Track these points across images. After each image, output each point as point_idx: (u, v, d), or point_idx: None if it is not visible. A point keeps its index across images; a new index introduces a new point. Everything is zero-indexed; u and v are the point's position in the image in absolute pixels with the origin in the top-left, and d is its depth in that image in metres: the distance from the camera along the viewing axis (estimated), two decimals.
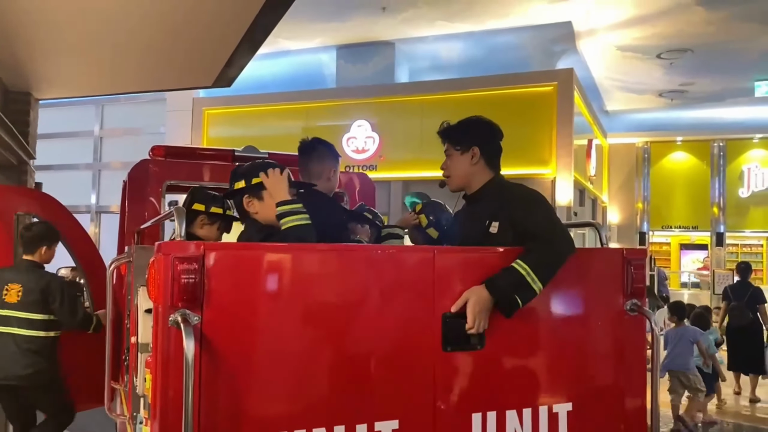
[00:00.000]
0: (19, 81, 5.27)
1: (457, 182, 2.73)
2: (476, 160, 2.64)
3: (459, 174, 2.70)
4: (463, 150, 2.66)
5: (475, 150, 2.64)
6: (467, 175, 2.68)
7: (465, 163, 2.66)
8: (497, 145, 2.72)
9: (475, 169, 2.66)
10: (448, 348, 2.27)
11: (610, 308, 2.57)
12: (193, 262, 1.94)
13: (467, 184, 2.71)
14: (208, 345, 1.96)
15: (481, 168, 2.66)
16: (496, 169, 2.69)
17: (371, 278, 2.22)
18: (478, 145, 2.64)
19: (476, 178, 2.67)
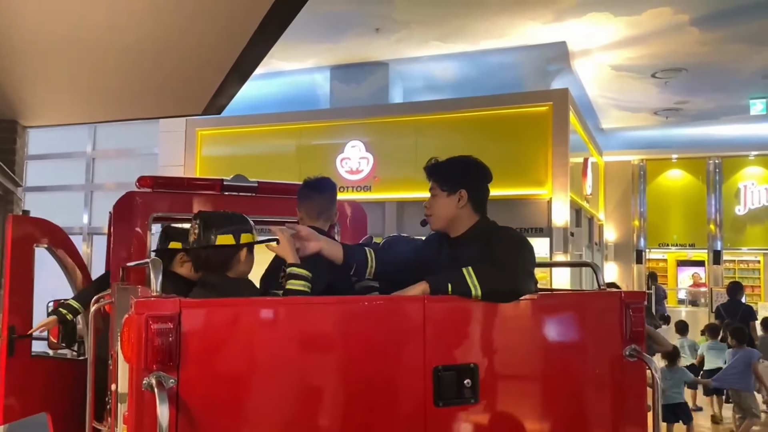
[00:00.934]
0: (6, 109, 5.19)
1: (439, 223, 2.61)
2: (463, 203, 2.52)
3: (443, 215, 2.57)
4: (449, 192, 2.54)
5: (463, 193, 2.52)
6: (452, 218, 2.56)
7: (450, 205, 2.54)
8: (486, 188, 2.61)
9: (460, 213, 2.54)
10: (440, 403, 2.16)
11: (608, 354, 2.47)
12: (168, 321, 1.84)
13: (450, 227, 2.58)
14: (185, 407, 1.86)
15: (467, 211, 2.54)
16: (482, 212, 2.58)
17: (358, 331, 2.12)
18: (466, 189, 2.53)
19: (461, 222, 2.55)
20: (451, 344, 2.21)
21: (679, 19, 9.34)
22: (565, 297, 2.71)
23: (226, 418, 1.91)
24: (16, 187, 5.46)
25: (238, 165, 11.96)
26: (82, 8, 3.13)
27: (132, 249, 4.11)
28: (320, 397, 2.04)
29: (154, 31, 3.53)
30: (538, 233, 10.36)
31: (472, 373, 2.21)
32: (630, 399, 2.50)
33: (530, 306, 2.41)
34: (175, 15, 3.14)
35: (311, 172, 10.45)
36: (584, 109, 12.89)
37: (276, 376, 1.98)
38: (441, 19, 9.80)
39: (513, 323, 2.38)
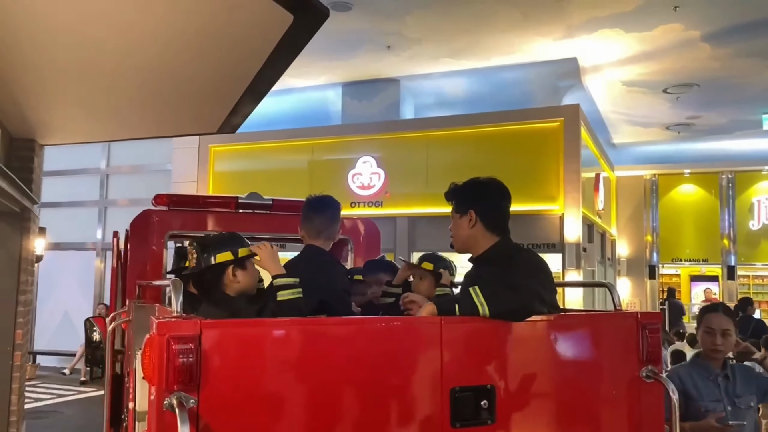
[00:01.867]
0: (24, 129, 5.26)
1: (458, 245, 2.67)
2: (473, 223, 2.56)
3: (459, 237, 2.64)
4: (461, 213, 2.60)
5: (472, 213, 2.56)
6: (467, 239, 2.61)
7: (463, 226, 2.60)
8: (498, 207, 2.63)
9: (474, 233, 2.58)
10: (457, 424, 2.17)
11: (625, 375, 2.46)
12: (189, 341, 1.86)
13: (469, 248, 2.64)
14: (205, 427, 1.88)
15: (481, 231, 2.57)
16: (500, 233, 2.60)
17: (376, 352, 2.14)
18: (474, 209, 2.56)
19: (478, 242, 2.59)
20: (468, 365, 2.22)
21: (691, 35, 9.36)
22: (582, 318, 2.71)
23: None
24: (32, 204, 5.52)
25: (250, 181, 12.07)
26: (101, 32, 3.19)
27: (148, 266, 4.15)
28: (338, 417, 2.05)
29: (171, 54, 3.58)
30: (550, 249, 10.33)
31: (489, 395, 2.21)
32: (647, 420, 2.49)
33: (547, 327, 2.42)
34: (192, 39, 3.20)
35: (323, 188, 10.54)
36: (596, 124, 12.89)
37: (294, 396, 1.99)
38: (451, 36, 9.87)
39: (530, 344, 2.39)
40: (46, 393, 10.90)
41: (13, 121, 5.04)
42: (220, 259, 2.48)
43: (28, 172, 5.53)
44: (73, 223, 13.94)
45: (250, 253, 2.54)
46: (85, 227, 14.13)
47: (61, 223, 13.30)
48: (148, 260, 4.23)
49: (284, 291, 2.50)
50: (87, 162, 14.19)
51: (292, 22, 2.80)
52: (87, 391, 11.18)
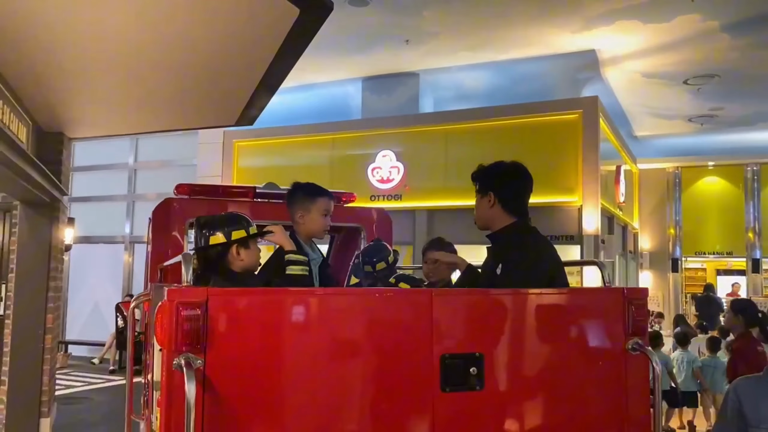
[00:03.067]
0: (53, 122, 5.53)
1: (480, 223, 2.92)
2: (492, 204, 2.77)
3: (480, 216, 2.89)
4: (482, 194, 2.83)
5: (491, 195, 2.77)
6: (487, 218, 2.85)
7: (484, 206, 2.83)
8: (516, 189, 2.82)
9: (493, 213, 2.79)
10: (446, 388, 2.32)
11: (611, 348, 2.59)
12: (196, 307, 2.03)
13: (489, 226, 2.87)
14: (210, 387, 2.05)
15: (499, 212, 2.78)
16: (518, 213, 2.79)
17: (370, 320, 2.29)
18: (493, 191, 2.77)
19: (496, 221, 2.81)
20: (458, 334, 2.36)
21: (709, 26, 9.32)
22: (570, 292, 2.84)
23: (249, 396, 2.10)
24: (61, 195, 5.79)
25: (273, 175, 12.18)
26: (126, 32, 3.40)
27: (170, 252, 4.36)
28: (334, 380, 2.21)
29: (189, 49, 3.78)
30: (569, 241, 10.39)
31: (478, 362, 2.36)
32: (633, 391, 2.60)
33: (536, 300, 2.55)
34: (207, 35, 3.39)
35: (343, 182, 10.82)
36: (616, 116, 12.86)
37: (293, 360, 2.16)
38: (470, 30, 9.96)
39: (519, 316, 2.52)
40: (77, 381, 11.28)
41: (43, 116, 5.30)
42: (213, 241, 2.66)
43: (57, 164, 5.80)
44: (102, 217, 14.35)
45: (245, 235, 2.70)
46: (114, 221, 14.53)
47: (91, 217, 13.73)
48: (170, 247, 4.44)
49: (294, 266, 2.71)
50: (116, 158, 14.59)
51: (299, 15, 2.96)
52: (116, 380, 11.53)
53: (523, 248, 2.73)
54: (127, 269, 14.33)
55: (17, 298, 5.64)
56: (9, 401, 5.50)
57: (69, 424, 7.89)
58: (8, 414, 5.49)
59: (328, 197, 3.24)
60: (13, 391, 5.50)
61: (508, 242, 2.76)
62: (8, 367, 5.56)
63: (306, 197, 3.22)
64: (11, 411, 5.48)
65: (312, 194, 3.21)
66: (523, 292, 2.51)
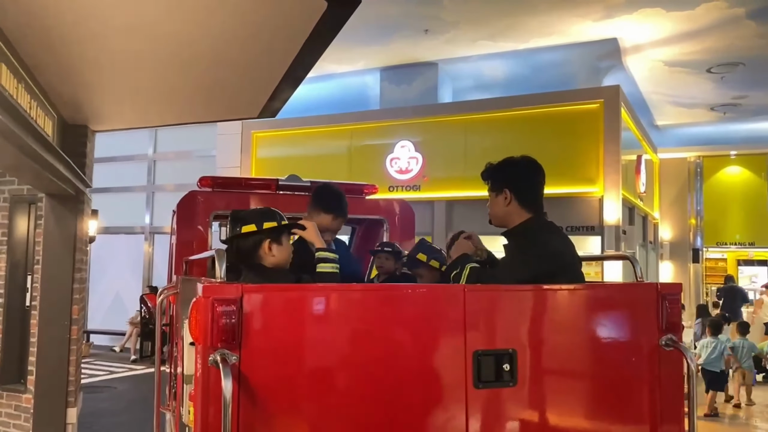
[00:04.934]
0: (78, 116, 5.55)
1: (495, 221, 2.86)
2: (509, 201, 2.73)
3: (495, 214, 2.82)
4: (497, 192, 2.77)
5: (507, 192, 2.72)
6: (503, 215, 2.79)
7: (500, 204, 2.77)
8: (532, 184, 2.77)
9: (509, 210, 2.74)
10: (479, 385, 2.31)
11: (644, 344, 2.56)
12: (231, 304, 2.04)
13: (504, 223, 2.81)
14: (245, 383, 2.06)
15: (516, 208, 2.73)
16: (533, 209, 2.74)
17: (404, 316, 2.28)
18: (509, 188, 2.72)
19: (512, 218, 2.76)
20: (491, 330, 2.35)
21: (735, 13, 9.16)
22: (603, 287, 2.81)
23: (283, 392, 2.10)
24: (86, 187, 5.84)
25: (291, 166, 12.27)
26: (151, 25, 3.40)
27: (194, 244, 4.38)
28: (368, 376, 2.21)
29: (215, 42, 3.77)
30: (589, 231, 10.32)
31: (510, 358, 2.34)
32: (666, 387, 2.58)
33: (568, 296, 2.53)
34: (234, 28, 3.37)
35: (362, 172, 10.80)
36: (637, 105, 12.70)
37: (328, 355, 2.16)
38: (489, 18, 9.87)
39: (551, 312, 2.51)
40: (100, 369, 11.43)
41: (68, 108, 5.33)
42: (244, 230, 2.65)
43: (81, 156, 5.83)
44: (122, 208, 14.48)
45: (276, 225, 2.67)
46: (134, 212, 14.65)
47: (112, 208, 13.83)
48: (194, 239, 4.45)
49: (324, 264, 2.70)
50: (135, 149, 14.69)
51: (326, 8, 2.94)
52: (138, 369, 11.68)
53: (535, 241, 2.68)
54: (147, 259, 14.46)
55: (43, 290, 5.70)
56: (37, 391, 5.58)
57: (93, 412, 8.01)
58: (36, 404, 5.57)
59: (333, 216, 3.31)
60: (41, 381, 5.58)
61: (523, 239, 2.71)
62: (35, 357, 5.63)
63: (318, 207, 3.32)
64: (39, 401, 5.56)
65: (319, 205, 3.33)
66: (555, 288, 2.49)
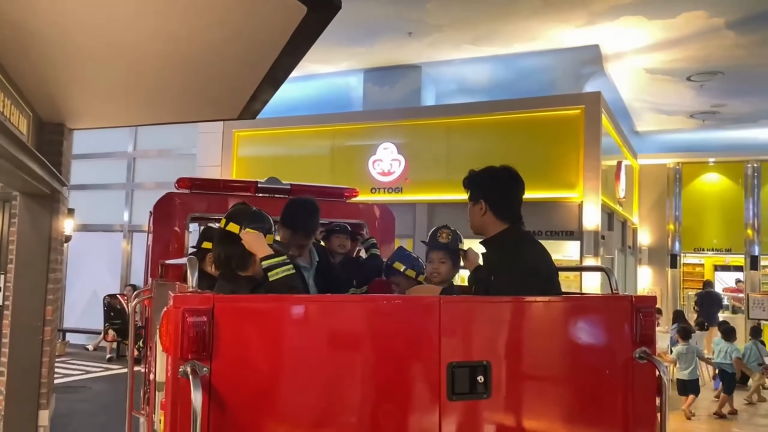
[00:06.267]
0: (54, 114, 5.47)
1: (473, 229, 2.90)
2: (484, 211, 2.75)
3: (473, 223, 2.87)
4: (473, 202, 2.81)
5: (482, 203, 2.76)
6: (480, 225, 2.82)
7: (476, 213, 2.81)
8: (507, 197, 2.78)
9: (485, 220, 2.77)
10: (453, 397, 2.30)
11: (618, 356, 2.57)
12: (202, 314, 2.01)
13: (482, 232, 2.84)
14: (216, 394, 2.03)
15: (491, 219, 2.75)
16: (510, 220, 2.76)
17: (377, 328, 2.27)
18: (484, 199, 2.75)
19: (489, 228, 2.79)
20: (465, 342, 2.34)
21: (715, 23, 9.26)
22: (578, 300, 2.82)
23: (254, 404, 2.08)
24: (62, 186, 5.75)
25: (273, 166, 12.26)
26: (127, 23, 3.35)
27: (171, 247, 4.33)
28: (341, 387, 2.19)
29: (194, 43, 3.73)
30: (569, 236, 10.38)
31: (485, 370, 2.34)
32: (639, 399, 2.59)
33: (543, 308, 2.54)
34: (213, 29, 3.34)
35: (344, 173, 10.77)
36: (618, 112, 12.81)
37: (300, 367, 2.14)
38: (473, 23, 9.89)
39: (526, 324, 2.51)
40: (75, 369, 11.28)
41: (43, 106, 5.25)
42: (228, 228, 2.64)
43: (57, 155, 5.75)
44: (100, 206, 14.30)
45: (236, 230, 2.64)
46: (113, 209, 14.48)
47: (89, 205, 13.65)
48: (171, 241, 4.41)
49: (274, 270, 2.58)
50: (114, 146, 14.51)
51: (306, 13, 2.91)
52: (114, 368, 11.54)
53: (513, 257, 2.70)
54: (125, 257, 14.30)
55: (16, 290, 5.61)
56: (8, 393, 5.48)
57: (67, 413, 7.89)
58: (7, 405, 5.48)
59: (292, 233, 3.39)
60: (12, 382, 5.49)
61: (500, 250, 2.75)
62: (7, 358, 5.54)
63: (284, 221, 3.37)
64: (10, 403, 5.47)
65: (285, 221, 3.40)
66: (530, 300, 2.49)
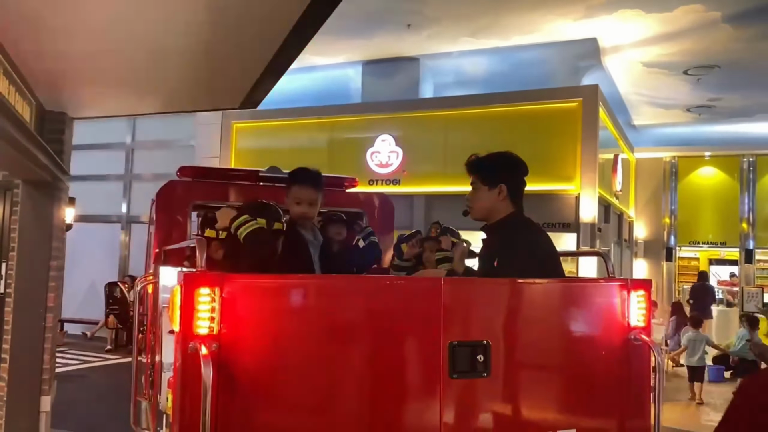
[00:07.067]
0: (56, 102, 5.50)
1: (479, 214, 2.88)
2: (503, 196, 2.78)
3: (483, 207, 2.84)
4: (491, 186, 2.79)
5: (503, 187, 2.77)
6: (490, 209, 2.83)
7: (491, 198, 2.80)
8: (522, 181, 2.84)
9: (499, 205, 2.80)
10: (454, 375, 2.36)
11: (614, 338, 2.64)
12: (211, 292, 2.07)
13: (488, 217, 2.86)
14: (224, 370, 2.09)
15: (505, 204, 2.79)
16: (517, 205, 2.82)
17: (381, 306, 2.33)
18: (506, 183, 2.77)
19: (498, 212, 2.82)
20: (466, 322, 2.40)
21: (712, 16, 9.32)
22: (575, 282, 2.89)
23: (262, 379, 2.14)
24: (63, 175, 5.78)
25: (271, 157, 12.20)
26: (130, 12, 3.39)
27: (173, 234, 4.38)
28: (346, 365, 2.25)
29: (196, 32, 3.76)
30: (565, 228, 10.44)
31: (484, 349, 2.40)
32: (635, 380, 2.66)
33: (541, 290, 2.60)
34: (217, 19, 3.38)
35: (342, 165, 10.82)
36: (615, 105, 12.87)
37: (306, 344, 2.20)
38: (472, 15, 9.92)
39: (525, 305, 2.57)
40: (74, 359, 11.34)
41: (45, 94, 5.27)
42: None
43: (59, 143, 5.77)
44: (99, 196, 14.31)
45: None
46: (111, 200, 14.50)
47: (88, 196, 13.62)
48: (173, 229, 4.46)
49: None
50: (113, 137, 14.52)
51: (310, 2, 2.96)
52: (112, 359, 11.60)
53: (520, 242, 2.75)
54: (123, 248, 14.33)
55: (18, 277, 5.64)
56: (10, 379, 5.53)
57: (67, 402, 7.94)
58: (9, 392, 5.52)
59: (298, 185, 3.21)
60: (14, 369, 5.53)
61: (504, 234, 2.78)
62: (9, 345, 5.58)
63: (288, 185, 3.27)
64: (12, 389, 5.51)
65: (288, 182, 3.28)
66: (529, 282, 2.55)
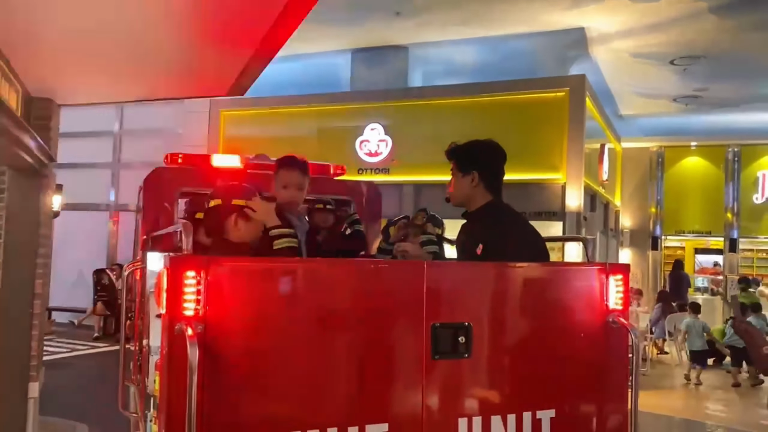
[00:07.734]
0: (42, 88, 5.48)
1: (457, 200, 2.95)
2: (475, 183, 2.83)
3: (459, 194, 2.92)
4: (464, 173, 2.86)
5: (475, 174, 2.82)
6: (467, 196, 2.89)
7: (465, 185, 2.87)
8: (498, 169, 2.89)
9: (474, 192, 2.85)
10: (436, 356, 2.41)
11: (593, 320, 2.70)
12: (196, 274, 2.11)
13: (467, 203, 2.92)
14: (210, 351, 2.13)
15: (480, 191, 2.84)
16: (495, 193, 2.87)
17: (365, 289, 2.38)
18: (478, 170, 2.83)
19: (475, 200, 2.88)
20: (448, 305, 2.45)
21: (698, 7, 9.39)
22: (554, 266, 2.95)
23: (247, 361, 2.18)
24: (50, 161, 5.78)
25: (260, 145, 12.16)
26: None
27: (160, 221, 4.40)
28: (330, 347, 2.30)
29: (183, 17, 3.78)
30: (551, 217, 10.54)
31: (466, 331, 2.46)
32: (614, 362, 2.73)
33: (522, 273, 2.65)
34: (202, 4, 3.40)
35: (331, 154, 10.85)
36: (602, 95, 12.95)
37: (290, 327, 2.24)
38: (461, 4, 9.94)
39: (506, 288, 2.63)
40: (61, 347, 11.33)
41: (32, 80, 5.26)
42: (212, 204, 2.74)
43: (45, 130, 5.76)
44: (86, 184, 14.23)
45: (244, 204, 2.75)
46: (99, 188, 14.44)
47: (75, 184, 13.56)
48: (160, 215, 4.47)
49: (280, 240, 2.73)
50: (101, 125, 14.43)
51: None
52: (100, 346, 11.60)
53: (503, 229, 2.82)
54: (111, 236, 14.29)
55: (5, 264, 5.64)
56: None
57: (54, 389, 7.96)
58: None
59: (285, 169, 3.18)
60: (2, 355, 5.54)
61: (487, 221, 2.83)
62: None
63: (275, 170, 3.25)
64: (0, 375, 5.53)
65: (276, 167, 3.23)
66: (510, 265, 2.60)
